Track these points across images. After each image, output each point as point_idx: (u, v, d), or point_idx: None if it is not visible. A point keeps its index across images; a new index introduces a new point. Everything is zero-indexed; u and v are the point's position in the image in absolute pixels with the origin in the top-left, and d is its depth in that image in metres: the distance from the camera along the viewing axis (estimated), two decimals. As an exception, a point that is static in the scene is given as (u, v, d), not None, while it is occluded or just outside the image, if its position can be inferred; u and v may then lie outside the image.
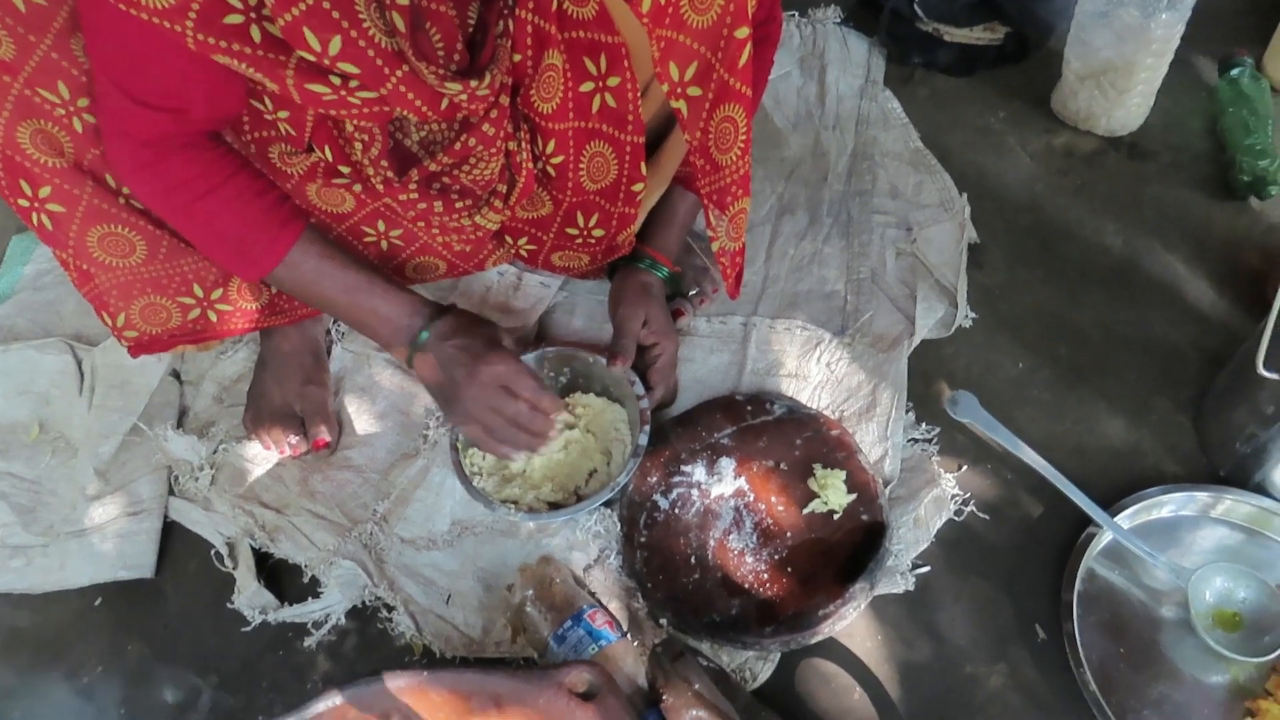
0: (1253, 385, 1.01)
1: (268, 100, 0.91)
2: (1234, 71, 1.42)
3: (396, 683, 0.63)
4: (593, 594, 1.03)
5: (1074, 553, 1.02)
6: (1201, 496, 1.06)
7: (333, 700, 0.63)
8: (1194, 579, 0.98)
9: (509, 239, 1.13)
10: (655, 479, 1.08)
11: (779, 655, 1.00)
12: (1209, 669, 0.97)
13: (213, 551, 1.10)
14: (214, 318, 1.06)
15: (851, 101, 1.50)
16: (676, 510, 1.07)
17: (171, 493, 1.14)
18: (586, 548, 1.06)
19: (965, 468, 1.12)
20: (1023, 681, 0.98)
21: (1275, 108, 1.41)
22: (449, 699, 0.65)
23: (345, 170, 0.96)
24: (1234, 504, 1.05)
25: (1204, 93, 1.48)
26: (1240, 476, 1.07)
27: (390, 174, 0.92)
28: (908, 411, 1.16)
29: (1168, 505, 1.06)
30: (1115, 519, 1.02)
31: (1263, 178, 1.32)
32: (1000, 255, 1.32)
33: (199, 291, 1.04)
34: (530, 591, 0.99)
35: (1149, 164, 1.42)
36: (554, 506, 1.07)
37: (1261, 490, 1.05)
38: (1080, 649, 0.95)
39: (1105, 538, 1.04)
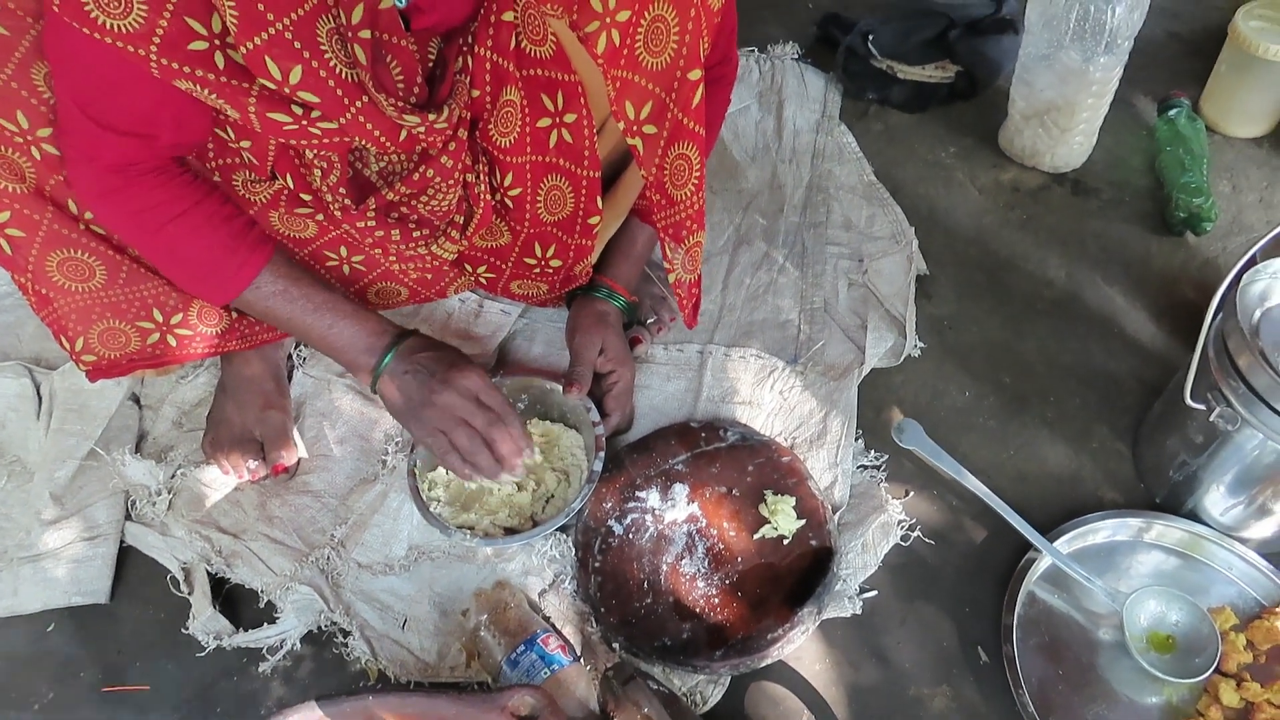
0: (1183, 415, 1.05)
1: (230, 129, 0.93)
2: (1171, 112, 1.48)
3: (340, 707, 0.64)
4: (547, 618, 1.05)
5: (1014, 577, 1.05)
6: (1134, 522, 1.09)
7: (280, 726, 0.64)
8: (1129, 603, 1.02)
9: (469, 267, 1.15)
10: (610, 504, 1.10)
11: (729, 679, 1.02)
12: (1144, 690, 1.00)
13: (168, 577, 1.10)
14: (173, 342, 1.07)
15: (808, 135, 1.55)
16: (630, 535, 1.09)
17: (128, 517, 1.15)
18: (542, 573, 1.08)
19: (912, 494, 1.15)
20: (965, 703, 1.01)
21: (1210, 148, 1.47)
22: (395, 724, 0.66)
23: (307, 198, 0.98)
24: (1165, 529, 1.09)
25: (1143, 132, 1.54)
26: (1174, 503, 1.11)
27: (348, 201, 0.94)
28: (857, 439, 1.19)
29: (1104, 530, 1.09)
30: (1054, 544, 1.06)
31: (1197, 214, 1.37)
32: (949, 286, 1.37)
33: (158, 316, 1.05)
34: (485, 616, 1.01)
35: (1091, 200, 1.47)
36: (510, 532, 1.09)
37: (1194, 516, 1.09)
38: (1020, 671, 0.98)
39: (1045, 562, 1.07)
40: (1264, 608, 1.05)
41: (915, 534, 1.11)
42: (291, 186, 0.98)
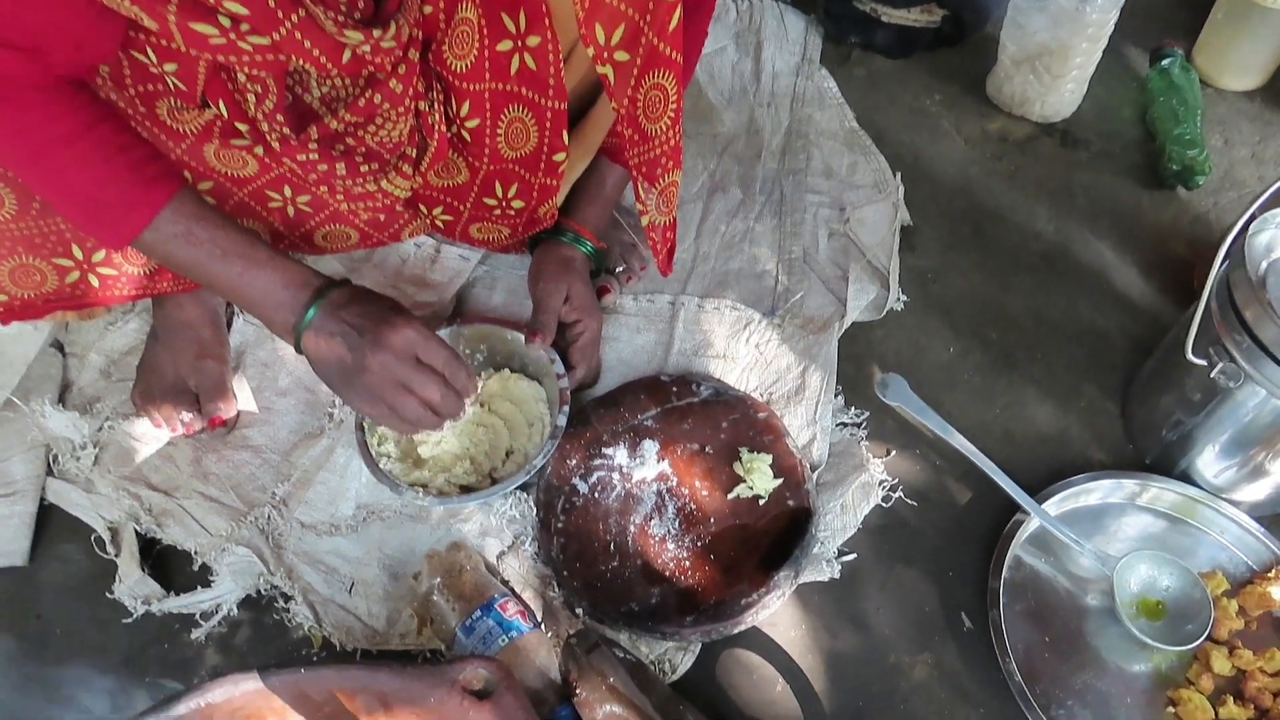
0: (1180, 372, 1.00)
1: (151, 52, 0.82)
2: (1165, 62, 1.43)
3: (269, 682, 0.56)
4: (506, 582, 0.98)
5: (1001, 540, 1.00)
6: (1129, 484, 1.04)
7: (199, 700, 0.57)
8: (1119, 567, 0.97)
9: (424, 208, 1.06)
10: (574, 462, 1.03)
11: (700, 646, 0.95)
12: (1132, 658, 0.96)
13: (93, 537, 1.01)
14: (95, 282, 0.97)
15: (787, 79, 1.47)
16: (596, 494, 1.02)
17: (49, 473, 1.05)
18: (500, 534, 1.01)
19: (894, 453, 1.09)
20: (948, 671, 0.96)
21: (1204, 99, 1.42)
22: (330, 699, 0.59)
23: (243, 128, 0.88)
24: (1160, 491, 1.04)
25: (1135, 82, 1.48)
26: (1165, 464, 1.07)
27: (287, 131, 0.85)
28: (837, 395, 1.12)
29: (1095, 492, 1.04)
30: (1042, 506, 1.00)
31: (1191, 167, 1.32)
32: (933, 238, 1.30)
33: (78, 253, 0.95)
34: (438, 580, 0.94)
35: (1081, 151, 1.41)
36: (466, 490, 1.01)
37: (1186, 478, 1.05)
38: (1006, 637, 0.93)
39: (1032, 525, 1.02)
40: (1256, 573, 1.01)
41: (897, 495, 1.05)
42: (225, 115, 0.88)
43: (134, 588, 0.97)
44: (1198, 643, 0.94)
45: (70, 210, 0.84)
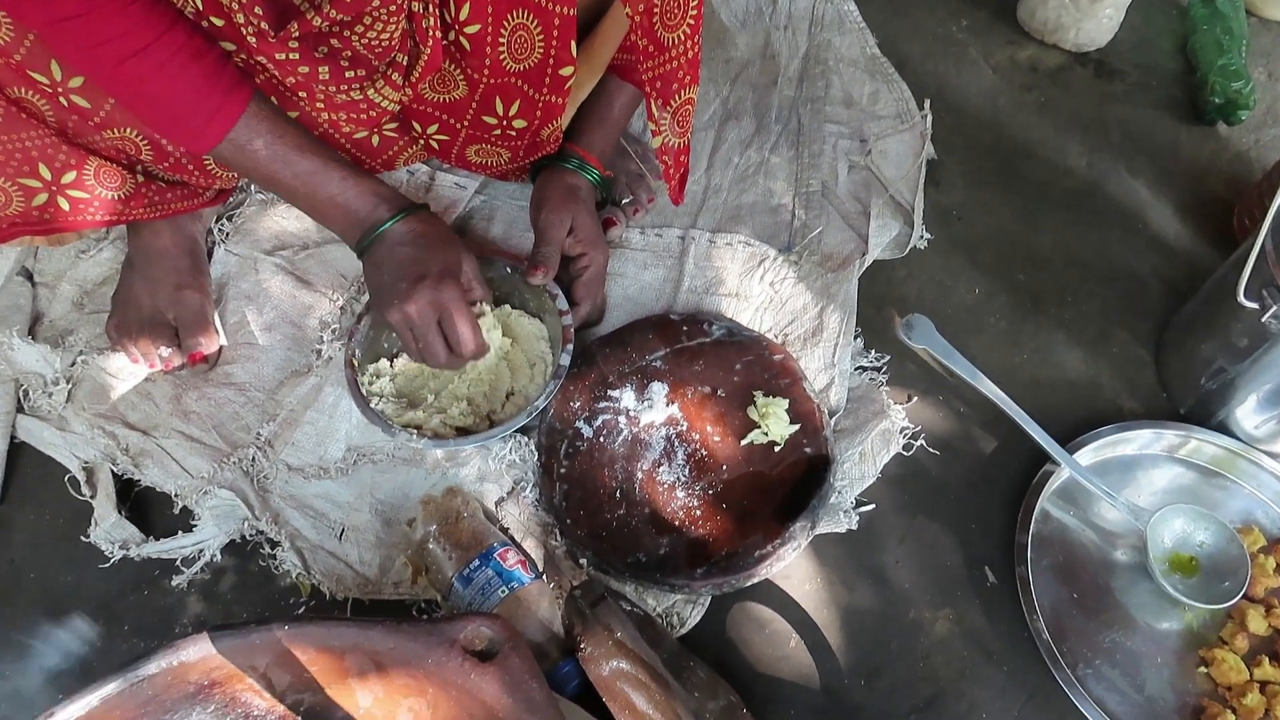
0: (1225, 316, 0.94)
1: None
2: (1208, -11, 1.34)
3: (246, 640, 0.51)
4: (505, 530, 0.92)
5: (1029, 492, 0.95)
6: (1170, 435, 0.99)
7: (171, 659, 0.51)
8: (1153, 521, 0.92)
9: (418, 127, 0.98)
10: (578, 404, 0.97)
11: (709, 599, 0.91)
12: (1163, 616, 0.92)
13: (67, 477, 0.95)
14: (65, 205, 0.90)
15: (805, 1, 1.37)
16: (601, 439, 0.96)
17: (20, 410, 0.99)
18: (499, 479, 0.95)
19: (915, 399, 1.03)
20: (969, 628, 0.91)
21: (1249, 30, 1.33)
22: (319, 658, 0.53)
23: (219, 23, 0.80)
24: (1200, 444, 0.99)
25: (1176, 11, 1.40)
26: (1202, 414, 1.01)
27: (265, 26, 0.77)
28: (856, 337, 1.06)
29: (1132, 443, 0.99)
30: (1074, 456, 0.95)
31: (1234, 100, 1.24)
32: (958, 173, 1.23)
33: (46, 173, 0.87)
34: (434, 527, 0.88)
35: (1116, 83, 1.33)
36: (463, 432, 0.95)
37: (1223, 428, 0.99)
38: (1034, 593, 0.89)
39: (1061, 476, 0.97)
40: (1294, 529, 0.96)
41: (918, 443, 1.00)
42: (200, 8, 0.79)
43: (110, 531, 0.92)
44: (1233, 601, 0.89)
45: (151, 118, 0.82)
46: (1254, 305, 0.87)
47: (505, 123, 0.96)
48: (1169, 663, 0.89)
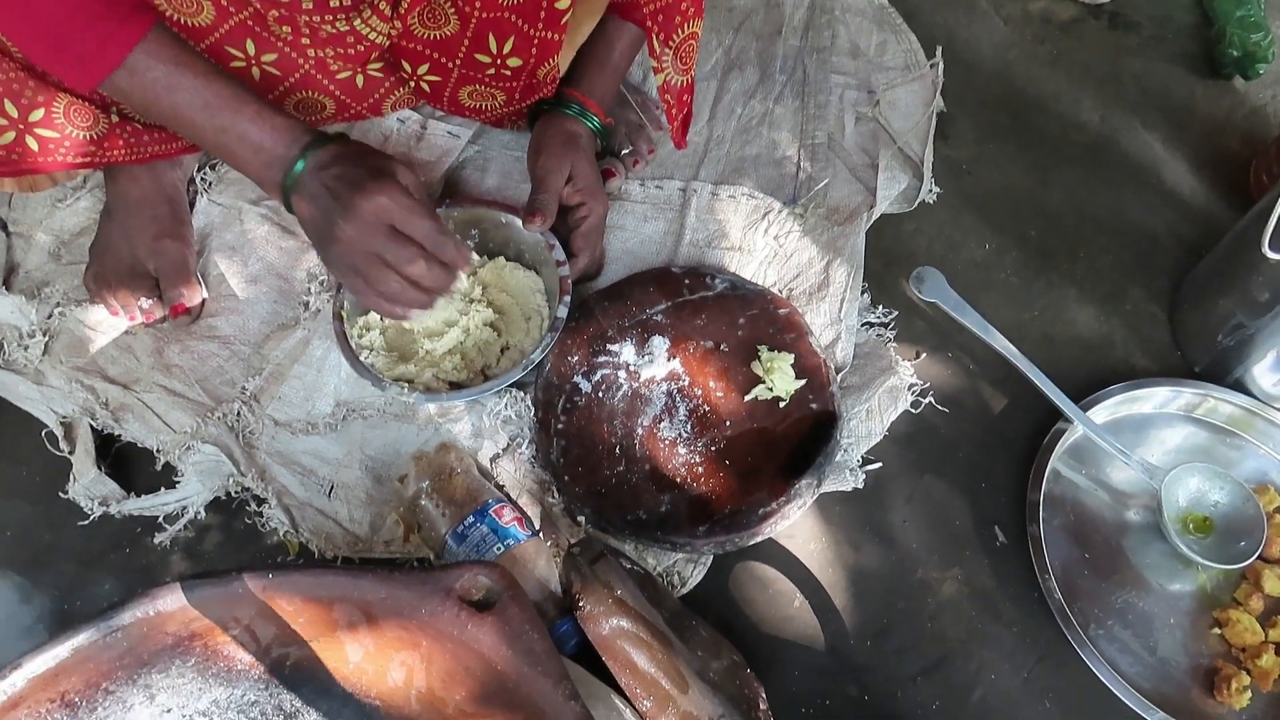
0: (1246, 269, 0.91)
1: None
2: (1226, -63, 1.29)
3: (228, 588, 0.48)
4: (500, 487, 0.89)
5: (1040, 451, 0.92)
6: (1188, 393, 0.96)
7: (147, 608, 0.48)
8: (1168, 480, 0.89)
9: (408, 67, 0.94)
10: (576, 358, 0.94)
11: (711, 558, 0.88)
12: (1176, 576, 0.89)
13: (44, 432, 0.92)
14: (34, 145, 0.85)
15: (811, -51, 1.32)
16: (600, 394, 0.93)
17: (-5, 363, 0.95)
18: (494, 435, 0.91)
19: (924, 356, 1.00)
20: (978, 589, 0.89)
21: (1267, -20, 1.29)
22: (305, 609, 0.50)
23: None
24: (1217, 403, 0.96)
25: (1191, -39, 1.35)
26: (1217, 372, 0.98)
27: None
28: (863, 293, 1.03)
29: (1148, 401, 0.96)
30: (1088, 414, 0.92)
31: (1252, 53, 1.20)
32: (968, 127, 1.19)
33: (11, 110, 0.83)
34: (426, 483, 0.85)
35: (1130, 35, 1.29)
36: (457, 387, 0.92)
37: (1239, 387, 0.96)
38: (1046, 553, 0.86)
39: (1073, 435, 0.94)
40: (1310, 489, 0.94)
41: (927, 400, 0.97)
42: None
43: (90, 487, 0.89)
44: (1248, 561, 0.87)
45: (35, 44, 0.75)
46: (1278, 257, 0.84)
47: (499, 61, 0.91)
48: (1182, 624, 0.87)
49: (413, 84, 0.98)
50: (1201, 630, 0.87)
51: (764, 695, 0.78)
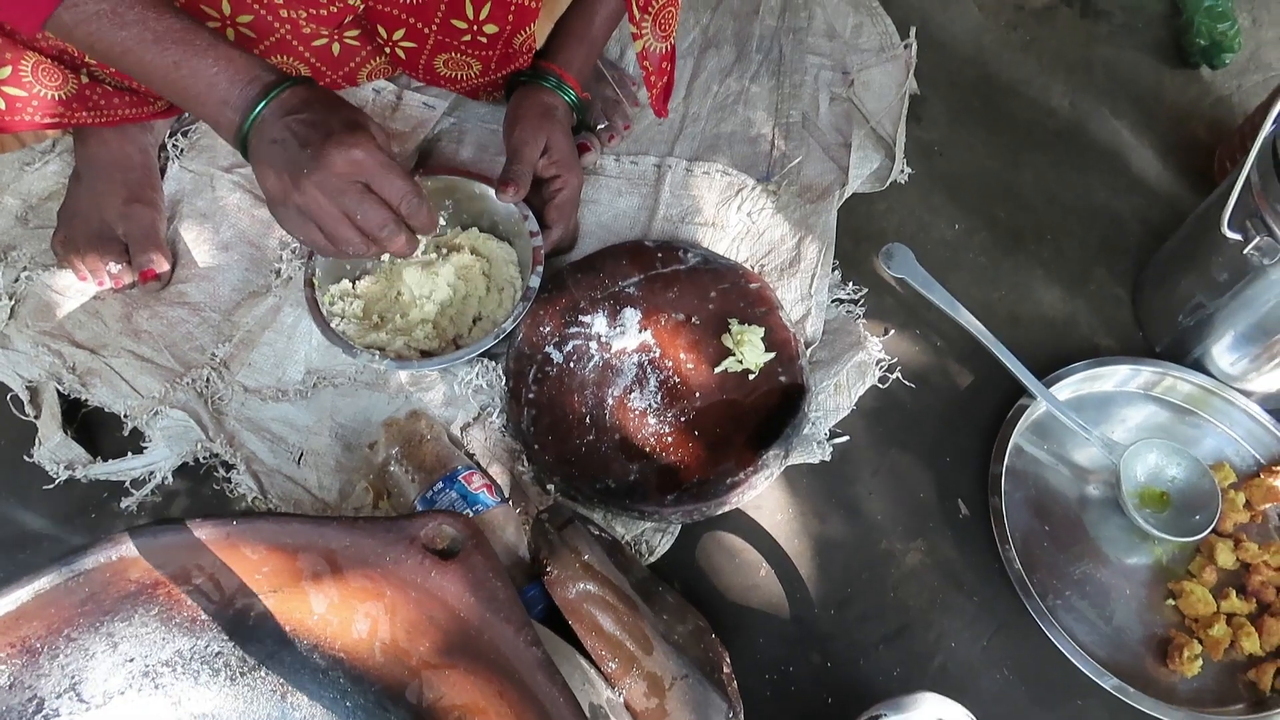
0: (1207, 250, 0.93)
1: None
2: (1196, -71, 1.31)
3: (197, 532, 0.48)
4: (470, 455, 0.90)
5: (1004, 426, 0.94)
6: (1146, 371, 0.98)
7: (110, 553, 0.48)
8: (1126, 455, 0.91)
9: (383, 32, 0.94)
10: (548, 329, 0.94)
11: (679, 528, 0.89)
12: (1133, 549, 0.91)
13: (9, 396, 0.91)
14: (0, 104, 0.85)
15: (789, -70, 1.33)
16: (571, 364, 0.93)
17: (-41, 327, 0.94)
18: (465, 404, 0.92)
19: (892, 332, 1.02)
20: (941, 559, 0.90)
21: (1235, -28, 1.32)
22: (270, 557, 0.50)
23: None
24: (1175, 381, 0.98)
25: (1162, -48, 1.37)
26: (1177, 351, 1.00)
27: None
28: (834, 269, 1.04)
29: (1109, 379, 0.98)
30: (1051, 390, 0.94)
31: (1219, 43, 1.22)
32: (941, 110, 1.20)
33: (-22, 68, 0.82)
34: (396, 450, 0.85)
35: (1101, 24, 1.31)
36: (428, 355, 0.92)
37: (1198, 366, 0.98)
38: (1006, 524, 0.88)
39: (1036, 411, 0.96)
40: (1263, 465, 0.96)
41: (894, 376, 0.98)
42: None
43: (55, 451, 0.88)
44: (1203, 535, 0.89)
45: None
46: (1237, 237, 0.86)
47: (476, 27, 0.91)
48: (1138, 595, 0.89)
49: (388, 51, 0.97)
50: (1156, 601, 0.89)
51: (728, 659, 0.79)
